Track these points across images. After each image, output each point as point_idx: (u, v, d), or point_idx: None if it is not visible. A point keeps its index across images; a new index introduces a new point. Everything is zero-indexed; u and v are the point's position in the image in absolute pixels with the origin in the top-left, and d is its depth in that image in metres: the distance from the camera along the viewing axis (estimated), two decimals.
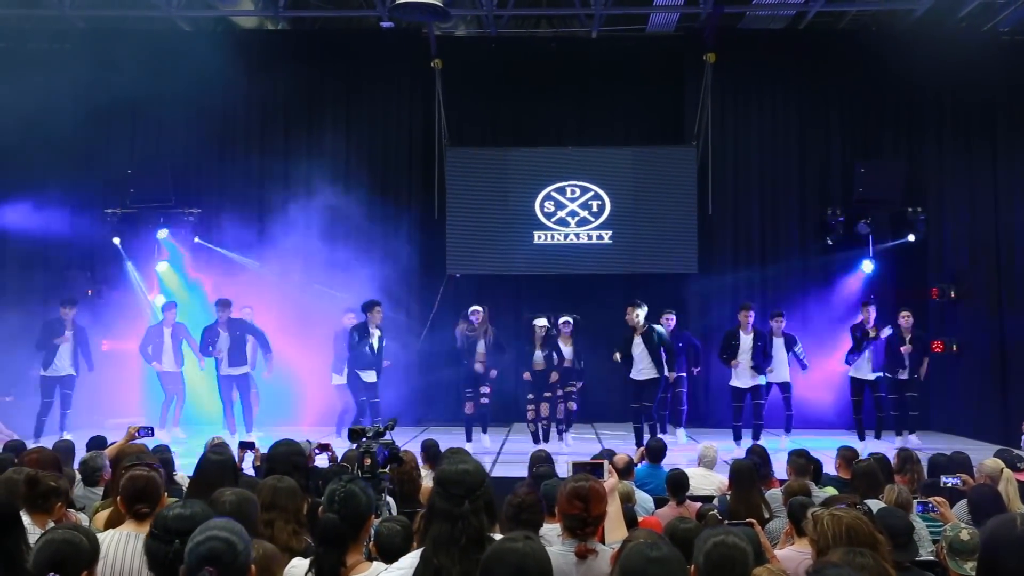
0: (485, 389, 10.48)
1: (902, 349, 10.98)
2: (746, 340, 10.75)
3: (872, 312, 11.14)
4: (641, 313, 10.27)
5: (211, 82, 12.51)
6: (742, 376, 10.74)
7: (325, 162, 13.28)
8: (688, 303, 13.34)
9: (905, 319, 11.13)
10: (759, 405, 10.78)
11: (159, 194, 12.88)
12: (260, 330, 11.32)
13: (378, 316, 10.38)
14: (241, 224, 13.01)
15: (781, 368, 10.95)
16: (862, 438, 11.05)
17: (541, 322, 10.40)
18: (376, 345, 10.30)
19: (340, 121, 13.57)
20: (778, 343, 10.90)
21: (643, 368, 10.22)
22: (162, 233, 12.98)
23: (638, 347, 10.23)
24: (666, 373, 10.44)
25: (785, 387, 11.04)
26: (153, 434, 5.95)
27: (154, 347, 11.55)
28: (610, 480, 3.51)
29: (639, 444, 9.49)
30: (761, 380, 10.73)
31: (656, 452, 7.24)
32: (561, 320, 10.43)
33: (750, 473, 5.89)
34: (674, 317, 11.63)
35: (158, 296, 12.86)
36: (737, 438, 10.67)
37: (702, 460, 7.24)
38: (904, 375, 11.06)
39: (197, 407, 12.06)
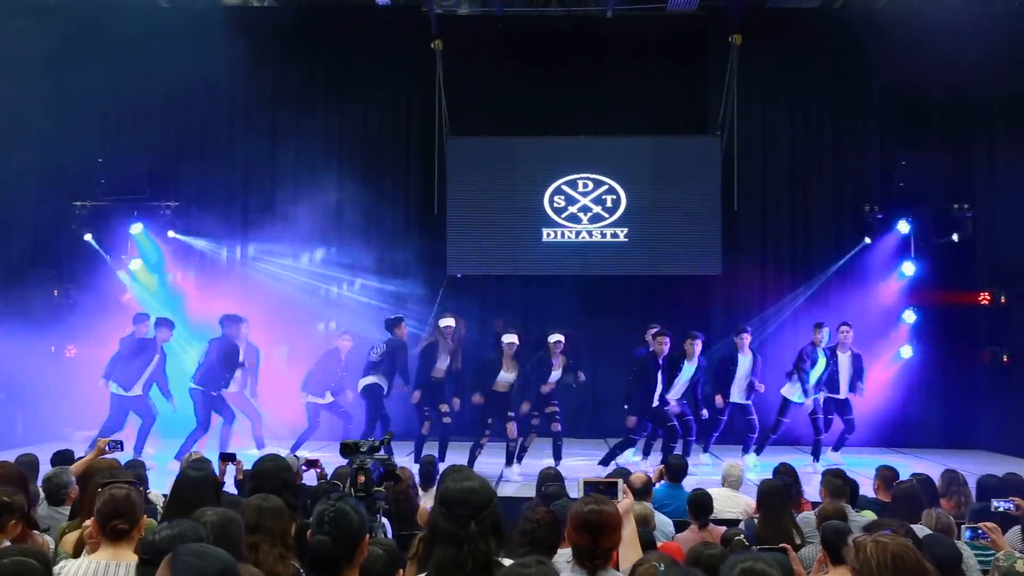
0: (444, 408, 10.41)
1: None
2: (744, 363, 11.03)
3: (824, 334, 11.02)
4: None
5: (191, 64, 12.52)
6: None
7: (315, 152, 13.28)
8: (711, 307, 13.32)
9: (844, 334, 11.12)
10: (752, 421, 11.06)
11: (133, 185, 12.88)
12: (255, 347, 11.44)
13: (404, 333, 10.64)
14: (223, 218, 13.02)
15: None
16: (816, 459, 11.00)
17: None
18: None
19: (332, 108, 13.57)
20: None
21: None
22: (136, 228, 12.98)
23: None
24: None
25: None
26: (123, 448, 5.94)
27: (125, 366, 10.89)
28: (625, 501, 3.49)
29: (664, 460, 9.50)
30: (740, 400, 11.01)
31: (676, 471, 7.22)
32: (553, 339, 10.37)
33: (780, 494, 5.87)
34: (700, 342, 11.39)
35: (130, 298, 12.87)
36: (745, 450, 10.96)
37: (727, 480, 7.21)
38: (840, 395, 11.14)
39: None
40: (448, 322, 10.56)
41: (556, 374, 10.27)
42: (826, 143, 13.39)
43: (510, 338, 10.18)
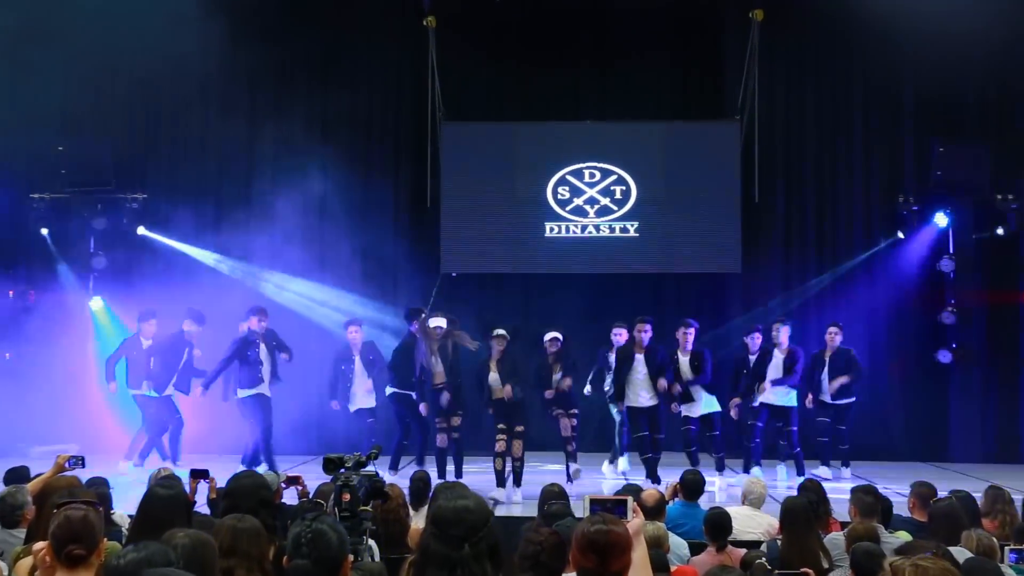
0: (456, 421, 10.38)
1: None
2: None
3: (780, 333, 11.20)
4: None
5: (161, 43, 12.51)
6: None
7: (297, 140, 13.22)
8: (729, 308, 13.31)
9: (832, 336, 11.23)
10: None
11: (96, 176, 12.86)
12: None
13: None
14: (196, 212, 12.99)
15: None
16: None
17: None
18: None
19: (315, 91, 13.55)
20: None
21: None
22: (100, 223, 12.97)
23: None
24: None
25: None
26: (85, 465, 5.93)
27: (131, 366, 11.36)
28: (635, 520, 3.48)
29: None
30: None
31: (692, 487, 7.20)
32: (548, 337, 10.32)
33: (806, 513, 5.86)
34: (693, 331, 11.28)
35: (94, 299, 12.87)
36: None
37: (747, 497, 7.20)
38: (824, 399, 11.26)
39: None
40: (439, 322, 10.53)
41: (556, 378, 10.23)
42: (856, 129, 13.38)
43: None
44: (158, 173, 13.40)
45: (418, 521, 6.19)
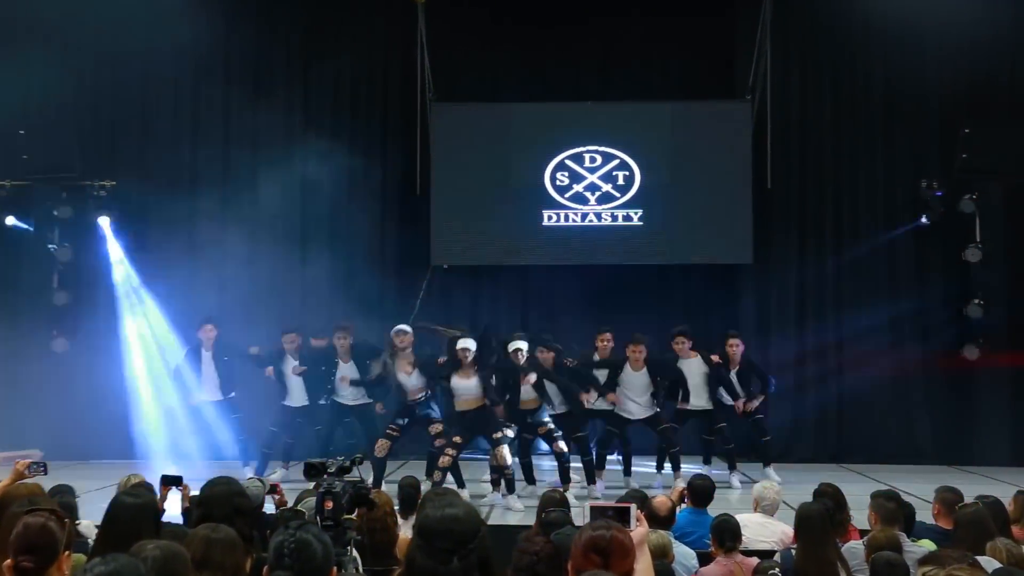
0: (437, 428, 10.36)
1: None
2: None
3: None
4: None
5: (132, 17, 12.47)
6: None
7: (276, 123, 13.27)
8: (741, 302, 13.32)
9: (733, 347, 11.19)
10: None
11: (61, 161, 12.83)
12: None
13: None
14: (167, 201, 12.96)
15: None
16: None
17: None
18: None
19: (295, 70, 13.55)
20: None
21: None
22: (64, 212, 12.93)
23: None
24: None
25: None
26: (47, 471, 5.90)
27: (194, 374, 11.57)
28: (639, 529, 3.48)
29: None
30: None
31: (701, 493, 7.18)
32: (513, 347, 10.05)
33: (822, 521, 5.85)
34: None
35: (58, 294, 12.87)
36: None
37: (759, 503, 7.18)
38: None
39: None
40: (402, 328, 10.44)
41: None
42: (876, 108, 13.36)
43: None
44: (127, 159, 13.34)
45: (407, 531, 6.18)
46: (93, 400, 12.60)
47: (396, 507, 6.21)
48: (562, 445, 10.00)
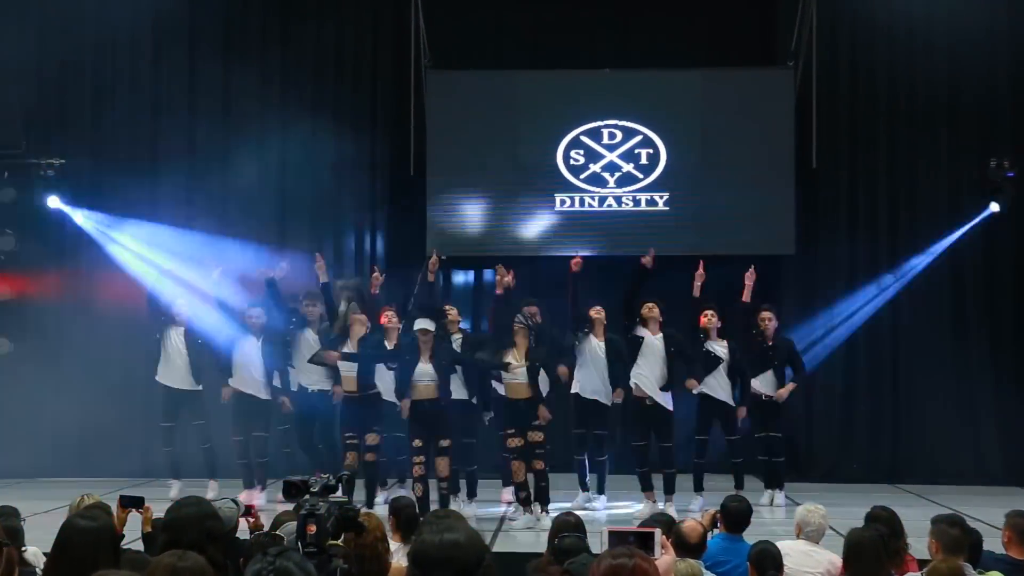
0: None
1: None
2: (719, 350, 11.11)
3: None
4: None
5: None
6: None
7: (250, 93, 13.31)
8: (781, 299, 13.31)
9: (766, 321, 11.28)
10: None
11: (3, 138, 12.87)
12: None
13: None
14: (123, 182, 12.99)
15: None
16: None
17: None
18: None
19: (271, 34, 13.58)
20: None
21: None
22: (7, 195, 12.97)
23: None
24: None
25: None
26: None
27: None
28: (665, 557, 3.51)
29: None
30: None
31: (737, 517, 7.19)
32: (418, 327, 9.98)
33: (875, 549, 5.87)
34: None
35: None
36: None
37: (803, 529, 7.19)
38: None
39: None
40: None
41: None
42: (938, 76, 13.32)
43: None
44: (78, 135, 13.42)
45: (402, 558, 6.20)
46: (39, 410, 12.62)
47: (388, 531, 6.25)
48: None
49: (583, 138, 13.33)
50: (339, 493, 4.33)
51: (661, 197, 13.27)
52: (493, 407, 10.72)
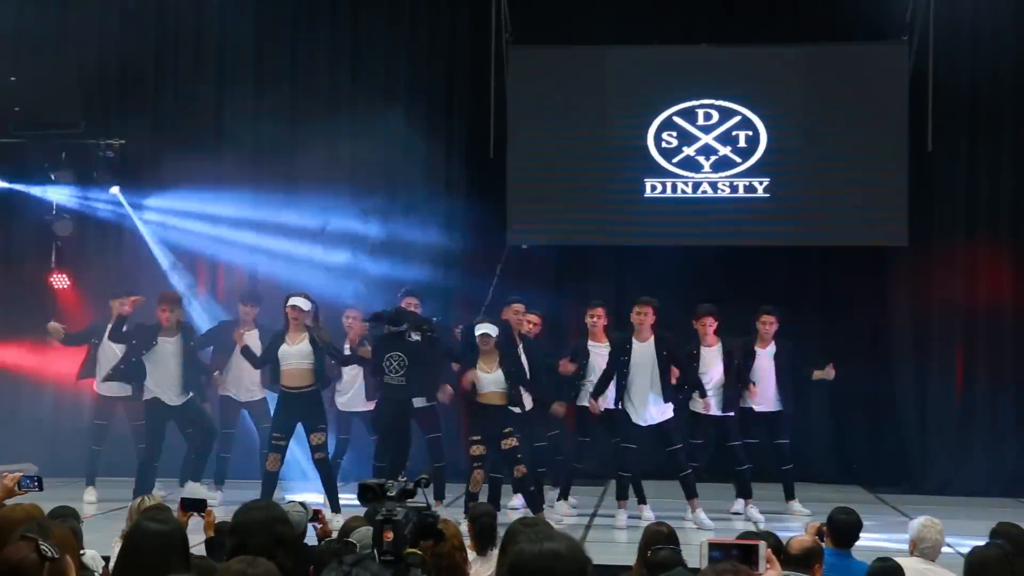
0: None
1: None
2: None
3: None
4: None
5: None
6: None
7: (320, 73, 13.44)
8: (890, 295, 13.20)
9: (766, 325, 11.28)
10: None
11: (60, 115, 13.03)
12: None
13: None
14: (188, 164, 13.12)
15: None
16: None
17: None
18: None
19: (342, 11, 13.66)
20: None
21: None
22: (64, 176, 13.14)
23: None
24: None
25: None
26: (42, 487, 5.99)
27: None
28: (770, 572, 3.46)
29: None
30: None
31: (845, 531, 7.15)
32: (479, 332, 10.39)
33: (1000, 568, 5.78)
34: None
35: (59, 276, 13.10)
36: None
37: (918, 545, 7.14)
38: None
39: None
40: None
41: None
42: None
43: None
44: (139, 115, 13.56)
45: (481, 568, 6.19)
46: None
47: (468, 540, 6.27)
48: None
49: (676, 119, 13.27)
50: (419, 497, 4.33)
51: (761, 183, 13.18)
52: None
